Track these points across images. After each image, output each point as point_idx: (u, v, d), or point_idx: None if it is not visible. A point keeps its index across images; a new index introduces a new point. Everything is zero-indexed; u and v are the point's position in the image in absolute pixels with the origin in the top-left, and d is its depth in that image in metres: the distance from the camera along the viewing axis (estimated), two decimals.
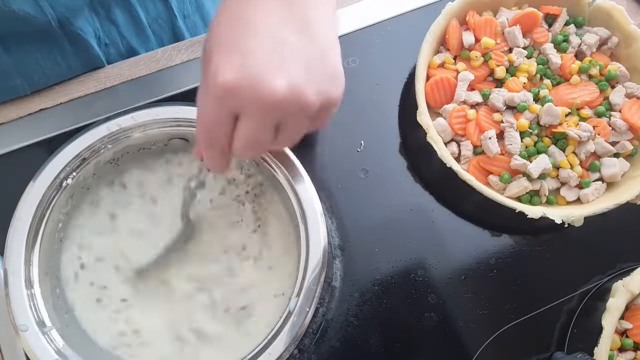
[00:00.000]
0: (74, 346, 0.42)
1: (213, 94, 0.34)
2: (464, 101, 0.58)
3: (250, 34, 0.33)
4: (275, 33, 0.34)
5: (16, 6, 0.49)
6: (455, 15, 0.60)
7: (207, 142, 0.37)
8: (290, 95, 0.33)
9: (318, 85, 0.34)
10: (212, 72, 0.34)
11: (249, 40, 0.33)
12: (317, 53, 0.35)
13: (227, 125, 0.35)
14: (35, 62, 0.57)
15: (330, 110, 0.37)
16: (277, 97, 0.32)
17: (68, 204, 0.47)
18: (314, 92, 0.34)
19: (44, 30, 0.54)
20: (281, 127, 0.35)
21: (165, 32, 0.67)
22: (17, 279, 0.42)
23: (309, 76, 0.34)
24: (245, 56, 0.33)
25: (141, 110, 0.48)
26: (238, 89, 0.33)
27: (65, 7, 0.53)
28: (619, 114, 0.58)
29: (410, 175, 0.60)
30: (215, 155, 0.38)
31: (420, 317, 0.54)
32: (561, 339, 0.54)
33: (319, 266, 0.43)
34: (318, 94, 0.34)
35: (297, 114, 0.34)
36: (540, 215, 0.52)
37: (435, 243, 0.57)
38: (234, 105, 0.34)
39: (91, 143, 0.47)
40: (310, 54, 0.34)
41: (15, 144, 0.59)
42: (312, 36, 0.35)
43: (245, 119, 0.34)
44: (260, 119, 0.34)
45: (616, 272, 0.57)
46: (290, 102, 0.33)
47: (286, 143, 0.38)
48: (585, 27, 0.63)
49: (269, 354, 0.41)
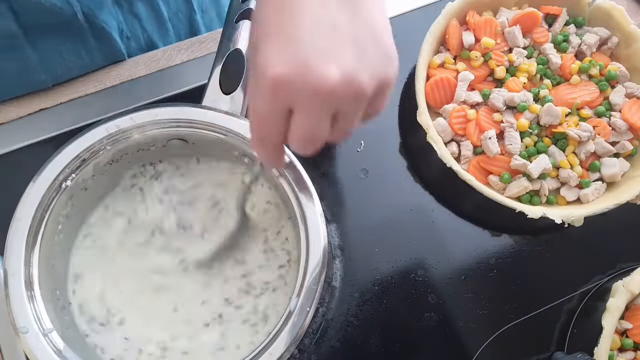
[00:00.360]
0: (75, 348, 0.42)
1: (263, 88, 0.32)
2: (464, 101, 0.58)
3: (297, 20, 0.31)
4: (323, 17, 0.32)
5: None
6: (455, 15, 0.60)
7: (260, 138, 0.36)
8: (344, 82, 0.31)
9: (372, 68, 0.32)
10: (261, 64, 0.32)
11: (297, 26, 0.31)
12: (369, 34, 0.33)
13: (281, 120, 0.34)
14: (60, 55, 0.58)
15: (386, 92, 0.35)
16: (330, 85, 0.31)
17: (68, 205, 0.47)
18: (368, 76, 0.32)
19: (69, 23, 0.54)
20: (338, 117, 0.34)
21: (183, 26, 0.68)
22: (17, 280, 0.42)
23: (362, 60, 0.32)
24: (294, 44, 0.31)
25: (140, 111, 0.48)
26: (289, 80, 0.31)
27: (91, 0, 0.54)
28: (619, 114, 0.58)
29: (410, 175, 0.60)
30: (268, 151, 0.37)
31: (420, 317, 0.54)
32: (561, 339, 0.54)
33: (319, 266, 0.43)
34: (372, 78, 0.32)
35: (353, 101, 0.32)
36: (540, 215, 0.52)
37: (435, 243, 0.57)
38: (287, 99, 0.32)
39: (90, 144, 0.47)
40: (361, 36, 0.32)
41: (15, 144, 0.59)
42: (363, 18, 0.33)
43: (299, 113, 0.33)
44: (315, 111, 0.32)
45: (616, 272, 0.57)
46: (345, 90, 0.31)
47: (343, 133, 0.36)
48: (585, 27, 0.63)
49: (270, 354, 0.41)
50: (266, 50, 0.32)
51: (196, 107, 0.48)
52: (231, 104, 0.50)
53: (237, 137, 0.47)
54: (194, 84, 0.61)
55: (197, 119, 0.48)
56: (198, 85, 0.61)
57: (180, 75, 0.62)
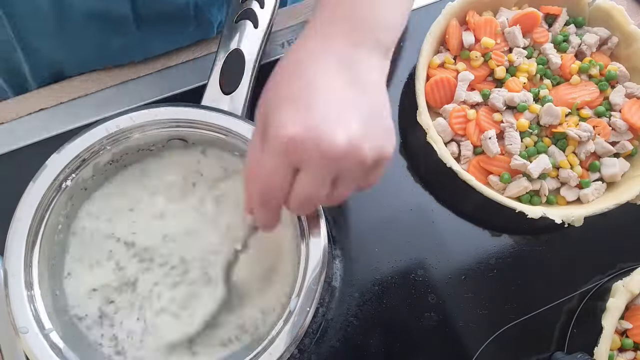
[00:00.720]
0: (75, 348, 0.42)
1: (275, 148, 0.34)
2: (464, 101, 0.58)
3: (313, 92, 0.35)
4: (335, 91, 0.35)
5: None
6: (455, 15, 0.60)
7: (263, 199, 0.37)
8: (350, 148, 0.33)
9: (374, 140, 0.35)
10: (275, 126, 0.34)
11: (312, 96, 0.35)
12: (372, 111, 0.36)
13: (286, 181, 0.35)
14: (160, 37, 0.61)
15: (382, 165, 0.37)
16: (339, 150, 0.33)
17: (67, 205, 0.47)
18: (369, 147, 0.34)
19: (179, 11, 0.58)
20: (337, 183, 0.36)
21: None
22: (17, 280, 0.42)
23: (366, 132, 0.34)
24: (308, 110, 0.34)
25: (140, 111, 0.48)
26: (302, 142, 0.33)
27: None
28: (619, 114, 0.58)
29: (410, 175, 0.60)
30: (271, 212, 0.38)
31: (420, 317, 0.54)
32: (561, 339, 0.54)
33: (319, 266, 0.43)
34: (372, 149, 0.35)
35: (354, 167, 0.35)
36: (540, 215, 0.52)
37: (435, 243, 0.57)
38: (296, 158, 0.34)
39: (90, 144, 0.47)
40: (366, 112, 0.35)
41: (15, 144, 0.59)
42: (368, 96, 0.36)
43: (305, 173, 0.34)
44: (320, 173, 0.34)
45: (616, 272, 0.57)
46: (349, 156, 0.34)
47: (339, 199, 0.38)
48: (585, 27, 0.63)
49: (270, 354, 0.41)
50: (283, 114, 0.34)
51: (196, 107, 0.48)
52: (231, 104, 0.50)
53: (237, 137, 0.47)
54: (194, 84, 0.61)
55: (197, 119, 0.48)
56: (198, 85, 0.61)
57: (180, 75, 0.62)
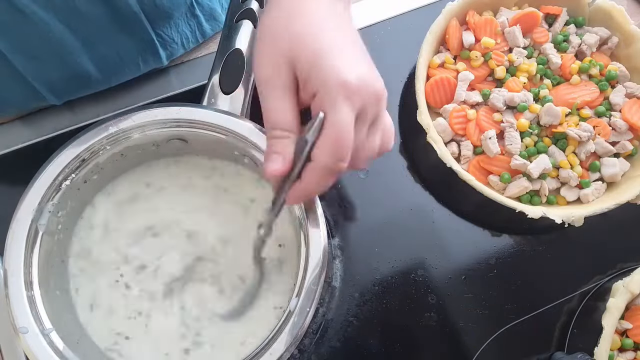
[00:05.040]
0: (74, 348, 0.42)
1: (342, 95, 0.34)
2: (464, 101, 0.58)
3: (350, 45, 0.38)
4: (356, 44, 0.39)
5: None
6: (455, 15, 0.60)
7: (342, 153, 0.35)
8: (383, 93, 0.37)
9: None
10: (335, 73, 0.35)
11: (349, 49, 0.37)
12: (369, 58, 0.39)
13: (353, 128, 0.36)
14: (177, 30, 0.61)
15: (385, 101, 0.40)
16: (380, 90, 0.37)
17: (68, 205, 0.47)
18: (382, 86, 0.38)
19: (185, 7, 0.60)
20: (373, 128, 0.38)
21: None
22: (17, 280, 0.42)
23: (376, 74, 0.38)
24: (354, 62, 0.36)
25: (140, 111, 0.48)
26: (359, 87, 0.35)
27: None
28: (619, 114, 0.58)
29: (410, 175, 0.60)
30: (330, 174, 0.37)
31: (420, 317, 0.54)
32: (561, 339, 0.54)
33: (319, 266, 0.43)
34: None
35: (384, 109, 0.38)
36: (540, 215, 0.52)
37: (435, 243, 0.57)
38: (360, 104, 0.35)
39: (90, 144, 0.46)
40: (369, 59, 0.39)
41: (15, 144, 0.59)
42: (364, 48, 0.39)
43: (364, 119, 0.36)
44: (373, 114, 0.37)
45: (616, 272, 0.57)
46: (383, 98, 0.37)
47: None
48: (585, 27, 0.63)
49: (270, 354, 0.41)
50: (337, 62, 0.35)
51: (196, 107, 0.48)
52: (231, 104, 0.50)
53: (237, 137, 0.47)
54: (194, 84, 0.62)
55: (197, 119, 0.48)
56: (198, 85, 0.61)
57: (180, 75, 0.62)
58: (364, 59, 0.38)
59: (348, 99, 0.34)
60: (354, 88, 0.34)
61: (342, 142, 0.35)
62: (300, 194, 0.38)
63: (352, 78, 0.34)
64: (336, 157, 0.35)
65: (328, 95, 0.35)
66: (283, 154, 0.37)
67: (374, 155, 0.39)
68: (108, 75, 0.58)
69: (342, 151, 0.35)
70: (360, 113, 0.35)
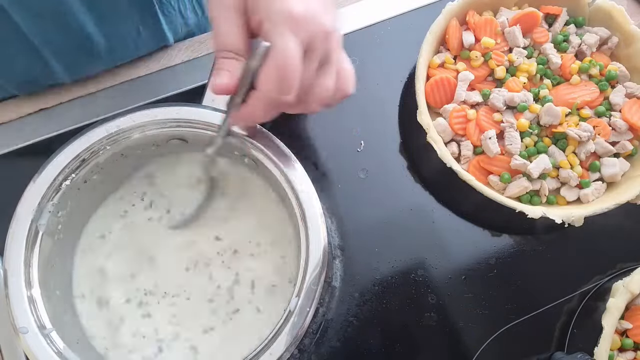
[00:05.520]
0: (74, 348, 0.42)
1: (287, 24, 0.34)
2: (464, 101, 0.58)
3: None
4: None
5: None
6: (455, 15, 0.60)
7: (286, 84, 0.35)
8: (334, 30, 0.37)
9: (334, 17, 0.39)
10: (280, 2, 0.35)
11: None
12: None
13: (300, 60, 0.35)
14: (181, 17, 0.63)
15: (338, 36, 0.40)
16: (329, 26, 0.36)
17: (67, 205, 0.47)
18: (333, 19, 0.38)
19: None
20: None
21: None
22: (17, 280, 0.42)
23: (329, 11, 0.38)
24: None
25: (140, 111, 0.48)
26: (306, 18, 0.35)
27: None
28: (619, 114, 0.58)
29: (410, 175, 0.60)
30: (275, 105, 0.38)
31: (420, 317, 0.54)
32: (561, 339, 0.54)
33: (319, 266, 0.43)
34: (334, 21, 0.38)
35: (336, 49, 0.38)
36: (540, 215, 0.52)
37: (435, 243, 0.57)
38: (307, 36, 0.35)
39: (90, 144, 0.46)
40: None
41: (15, 144, 0.59)
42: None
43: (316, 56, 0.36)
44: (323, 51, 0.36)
45: (616, 272, 0.57)
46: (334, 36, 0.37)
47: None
48: (585, 27, 0.63)
49: (270, 354, 0.41)
50: None
51: (196, 107, 0.48)
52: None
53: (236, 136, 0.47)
54: (194, 84, 0.62)
55: (197, 119, 0.48)
56: (198, 85, 0.61)
57: (180, 75, 0.62)
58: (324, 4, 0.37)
59: (293, 30, 0.34)
60: (299, 19, 0.34)
61: (286, 72, 0.35)
62: (245, 117, 0.40)
63: (299, 9, 0.34)
64: (280, 86, 0.35)
65: (273, 24, 0.35)
66: (231, 71, 0.38)
67: (329, 98, 0.39)
68: (108, 37, 0.58)
69: (286, 82, 0.35)
70: (308, 48, 0.35)
